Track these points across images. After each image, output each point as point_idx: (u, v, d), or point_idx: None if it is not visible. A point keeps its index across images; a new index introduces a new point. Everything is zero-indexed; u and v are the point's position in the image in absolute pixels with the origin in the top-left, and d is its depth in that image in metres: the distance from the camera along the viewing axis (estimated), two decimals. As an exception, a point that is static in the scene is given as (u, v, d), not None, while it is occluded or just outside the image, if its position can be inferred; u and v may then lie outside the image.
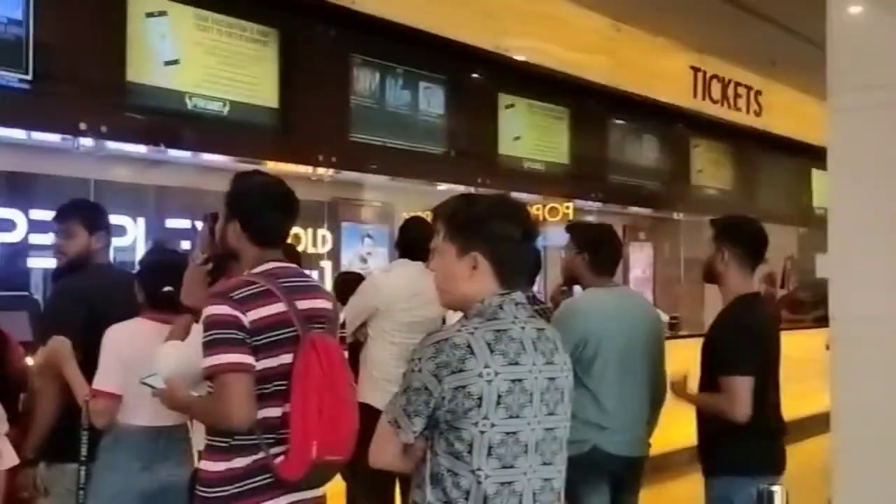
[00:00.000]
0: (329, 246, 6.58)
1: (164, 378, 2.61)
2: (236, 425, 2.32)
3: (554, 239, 7.63)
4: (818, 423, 3.68)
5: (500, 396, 1.88)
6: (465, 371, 1.86)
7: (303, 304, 2.44)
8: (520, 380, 1.91)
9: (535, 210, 7.79)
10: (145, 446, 2.99)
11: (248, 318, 2.31)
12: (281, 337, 2.36)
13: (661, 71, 7.95)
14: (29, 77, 4.22)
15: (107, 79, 4.44)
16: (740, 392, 3.02)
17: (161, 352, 2.69)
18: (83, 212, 3.48)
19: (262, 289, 2.38)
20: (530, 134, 7.09)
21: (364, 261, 6.83)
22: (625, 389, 3.44)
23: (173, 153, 5.13)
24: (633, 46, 7.50)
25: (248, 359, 2.30)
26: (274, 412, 2.27)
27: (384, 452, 1.99)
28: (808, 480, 2.96)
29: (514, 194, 7.17)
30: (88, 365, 2.95)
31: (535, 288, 4.47)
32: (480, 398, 1.86)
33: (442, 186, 6.38)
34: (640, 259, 9.76)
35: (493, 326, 1.93)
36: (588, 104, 7.47)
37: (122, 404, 2.92)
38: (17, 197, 5.57)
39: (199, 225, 2.78)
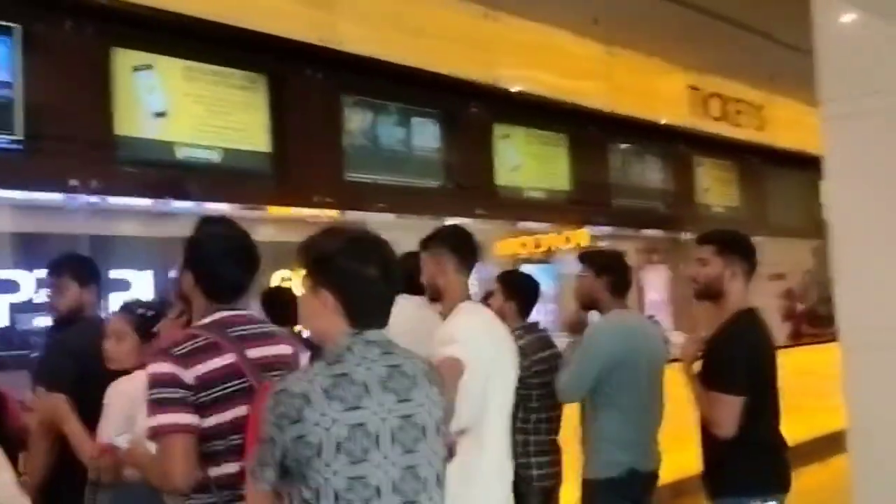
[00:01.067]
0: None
1: (131, 437, 2.59)
2: (176, 487, 2.25)
3: (570, 267, 7.60)
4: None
5: (339, 443, 1.84)
6: (302, 421, 1.83)
7: (254, 353, 2.33)
8: (361, 423, 1.87)
9: (547, 239, 7.74)
10: (147, 500, 2.94)
11: (191, 373, 2.21)
12: (231, 390, 2.25)
13: (659, 92, 7.92)
14: (20, 137, 4.25)
15: (95, 134, 4.47)
16: (727, 411, 2.99)
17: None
18: (73, 265, 3.48)
19: (206, 342, 2.26)
20: (529, 162, 7.06)
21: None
22: (648, 408, 3.51)
23: (176, 204, 5.14)
24: (628, 69, 7.48)
25: (188, 418, 2.19)
26: (231, 468, 2.20)
27: (255, 501, 1.98)
28: (837, 498, 2.88)
29: (520, 224, 7.25)
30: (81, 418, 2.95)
31: (540, 315, 4.40)
32: (320, 447, 1.83)
33: (447, 220, 6.35)
34: (654, 281, 9.67)
35: (334, 371, 1.89)
36: (586, 129, 7.45)
37: None
38: (22, 257, 5.61)
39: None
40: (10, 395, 3.68)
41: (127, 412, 2.91)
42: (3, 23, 4.26)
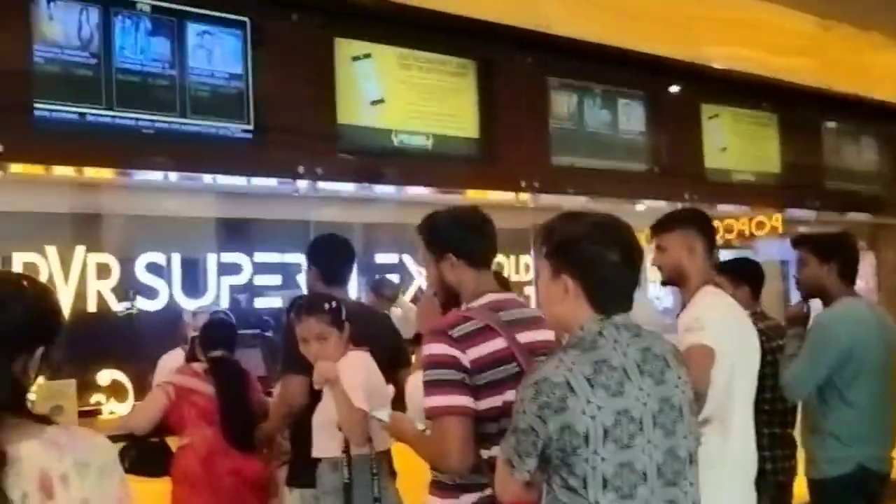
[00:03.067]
0: (533, 273, 6.55)
1: (390, 412, 2.67)
2: (453, 468, 2.28)
3: (766, 253, 7.25)
4: None
5: (606, 430, 1.81)
6: (567, 410, 1.81)
7: (524, 338, 2.37)
8: (626, 409, 1.84)
9: (740, 225, 7.45)
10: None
11: (468, 356, 2.26)
12: (504, 374, 2.29)
13: (876, 68, 7.38)
14: (250, 127, 4.47)
15: (320, 123, 4.62)
16: None
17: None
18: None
19: (480, 325, 2.32)
20: (737, 144, 6.76)
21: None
22: (882, 403, 3.29)
23: (378, 190, 5.27)
24: (843, 44, 7.01)
25: (466, 401, 2.24)
26: None
27: (507, 489, 1.98)
28: None
29: (723, 207, 6.96)
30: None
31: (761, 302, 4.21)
32: (587, 435, 1.80)
33: (640, 206, 6.20)
34: (861, 269, 9.05)
35: (592, 358, 1.86)
36: (797, 108, 7.04)
37: None
38: (242, 242, 5.96)
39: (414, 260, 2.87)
40: (250, 372, 3.91)
41: (364, 386, 3.02)
42: (235, 17, 4.48)
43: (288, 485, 3.41)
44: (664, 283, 3.26)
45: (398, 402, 3.04)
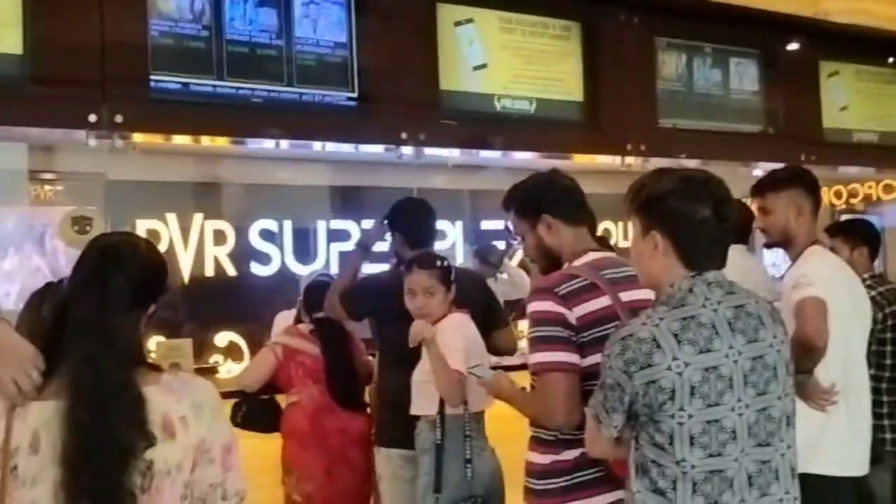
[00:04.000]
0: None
1: (491, 370, 2.70)
2: (560, 425, 2.29)
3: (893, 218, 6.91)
4: None
5: (693, 387, 1.80)
6: (653, 366, 1.80)
7: (626, 296, 2.36)
8: (714, 367, 1.81)
9: (866, 188, 7.13)
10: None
11: (574, 314, 2.27)
12: (608, 332, 2.29)
13: None
14: (355, 95, 4.54)
15: (423, 90, 4.66)
16: None
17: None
18: None
19: (586, 283, 2.33)
20: (859, 102, 6.43)
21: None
22: None
23: (483, 156, 5.28)
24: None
25: (572, 357, 2.25)
26: None
27: (596, 445, 2.02)
28: None
29: (844, 170, 6.65)
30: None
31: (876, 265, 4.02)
32: (673, 391, 1.80)
33: (757, 171, 5.98)
34: None
35: (680, 314, 1.85)
36: (925, 63, 6.64)
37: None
38: (350, 209, 6.09)
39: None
40: (354, 334, 4.01)
41: (463, 346, 3.06)
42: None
43: (377, 444, 3.50)
44: (768, 246, 3.17)
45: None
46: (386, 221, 3.75)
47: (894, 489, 3.69)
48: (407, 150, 4.65)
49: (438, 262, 3.21)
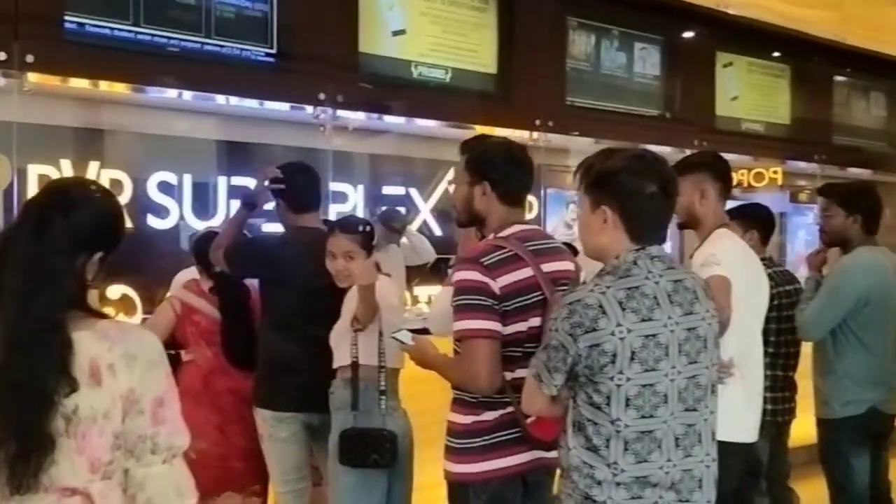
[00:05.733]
0: (535, 212, 6.60)
1: (413, 336, 2.74)
2: (482, 389, 2.38)
3: (774, 205, 7.32)
4: None
5: (633, 352, 1.93)
6: (597, 330, 1.92)
7: (548, 267, 2.47)
8: (654, 335, 1.94)
9: (738, 175, 7.48)
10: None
11: (497, 284, 2.36)
12: (529, 301, 2.40)
13: (892, 23, 7.36)
14: (273, 51, 4.47)
15: (342, 52, 4.63)
16: None
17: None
18: None
19: (510, 254, 2.42)
20: (749, 93, 6.80)
21: (569, 227, 6.81)
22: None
23: (388, 121, 5.28)
24: (860, -2, 7.00)
25: (495, 325, 2.35)
26: (525, 373, 2.32)
27: (534, 403, 2.13)
28: None
29: (729, 156, 6.98)
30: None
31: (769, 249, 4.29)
32: (615, 355, 1.92)
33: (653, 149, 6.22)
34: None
35: (625, 284, 1.97)
36: (811, 61, 7.06)
37: None
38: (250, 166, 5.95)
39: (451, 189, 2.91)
40: (252, 292, 3.90)
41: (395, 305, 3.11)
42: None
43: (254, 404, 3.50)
44: (680, 227, 3.34)
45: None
46: (267, 183, 3.58)
47: (770, 456, 3.98)
48: (322, 111, 4.62)
49: (360, 227, 3.24)
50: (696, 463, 2.04)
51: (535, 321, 2.38)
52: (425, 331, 2.99)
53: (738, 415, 3.02)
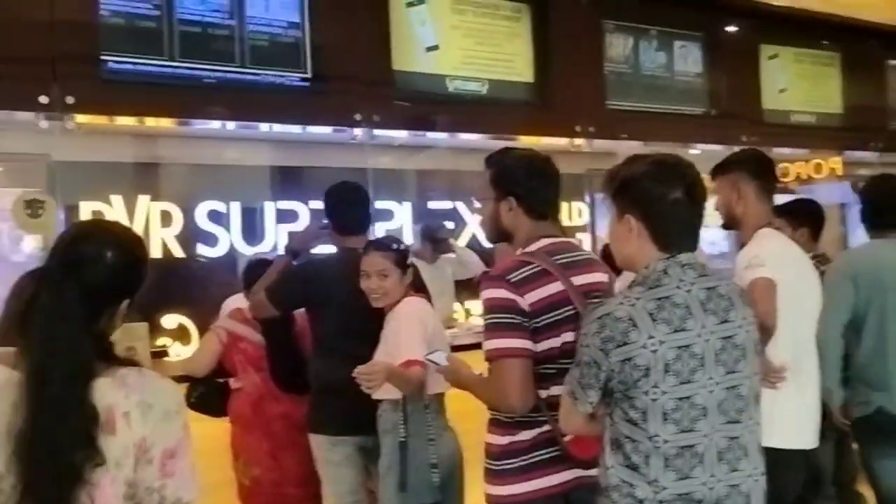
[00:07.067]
0: (585, 219, 6.54)
1: (448, 355, 2.71)
2: (514, 409, 2.33)
3: (825, 196, 7.13)
4: None
5: (667, 364, 1.86)
6: (629, 344, 1.86)
7: (579, 280, 2.40)
8: (687, 345, 1.88)
9: (797, 168, 7.32)
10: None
11: (526, 300, 2.29)
12: (561, 316, 2.33)
13: (945, 1, 7.12)
14: (308, 75, 4.51)
15: (376, 71, 4.64)
16: None
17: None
18: None
19: (538, 269, 2.35)
20: (798, 84, 6.62)
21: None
22: None
23: (432, 137, 5.28)
24: (910, -24, 6.77)
25: (525, 343, 2.29)
26: (560, 390, 2.24)
27: (571, 421, 2.07)
28: None
29: (779, 150, 6.84)
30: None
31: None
32: (648, 368, 1.85)
33: (695, 151, 6.12)
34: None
35: (655, 295, 1.90)
36: (861, 47, 6.85)
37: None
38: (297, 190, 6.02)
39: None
40: (297, 317, 3.95)
41: (419, 333, 3.08)
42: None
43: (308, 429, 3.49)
44: (724, 227, 3.26)
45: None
46: (326, 222, 3.61)
47: (835, 460, 3.85)
48: (359, 132, 4.64)
49: (394, 245, 3.23)
50: (745, 478, 1.96)
51: (569, 336, 2.32)
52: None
53: (793, 421, 2.93)
